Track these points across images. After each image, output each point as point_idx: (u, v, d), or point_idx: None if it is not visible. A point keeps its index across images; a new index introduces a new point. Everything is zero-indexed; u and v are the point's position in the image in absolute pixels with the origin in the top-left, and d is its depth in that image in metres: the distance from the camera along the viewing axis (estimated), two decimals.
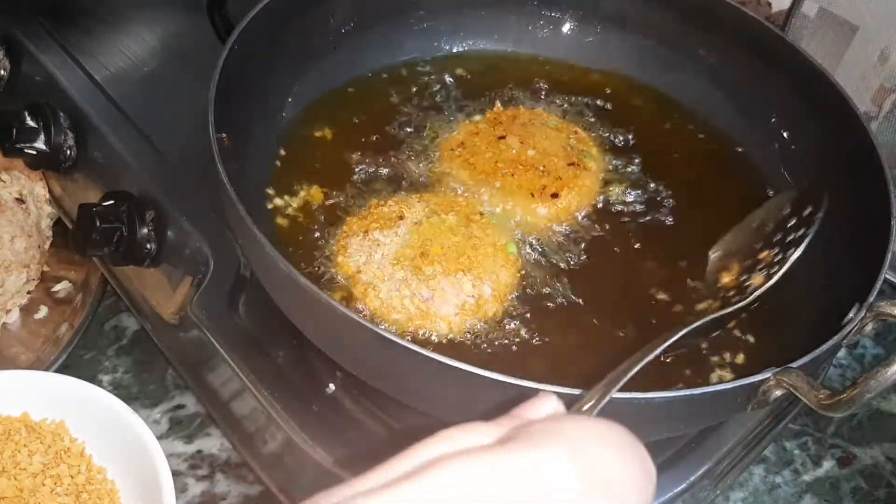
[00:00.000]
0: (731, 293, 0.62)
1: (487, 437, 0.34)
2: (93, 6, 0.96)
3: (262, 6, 0.70)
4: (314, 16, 0.78)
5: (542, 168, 0.73)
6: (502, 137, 0.75)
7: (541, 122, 0.78)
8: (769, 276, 0.60)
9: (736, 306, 0.60)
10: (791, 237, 0.62)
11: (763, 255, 0.63)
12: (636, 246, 0.71)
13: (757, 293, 0.60)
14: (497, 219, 0.70)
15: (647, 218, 0.73)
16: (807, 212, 0.63)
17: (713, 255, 0.67)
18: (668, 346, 0.52)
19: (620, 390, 0.47)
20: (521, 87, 0.84)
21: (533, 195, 0.71)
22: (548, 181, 0.72)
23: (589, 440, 0.34)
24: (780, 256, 0.61)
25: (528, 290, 0.66)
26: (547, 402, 0.38)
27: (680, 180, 0.77)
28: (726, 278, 0.64)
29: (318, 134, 0.77)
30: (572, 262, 0.69)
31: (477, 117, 0.79)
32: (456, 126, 0.78)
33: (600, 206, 0.73)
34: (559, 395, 0.47)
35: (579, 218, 0.72)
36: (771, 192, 0.77)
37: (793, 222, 0.63)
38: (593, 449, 0.34)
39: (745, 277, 0.62)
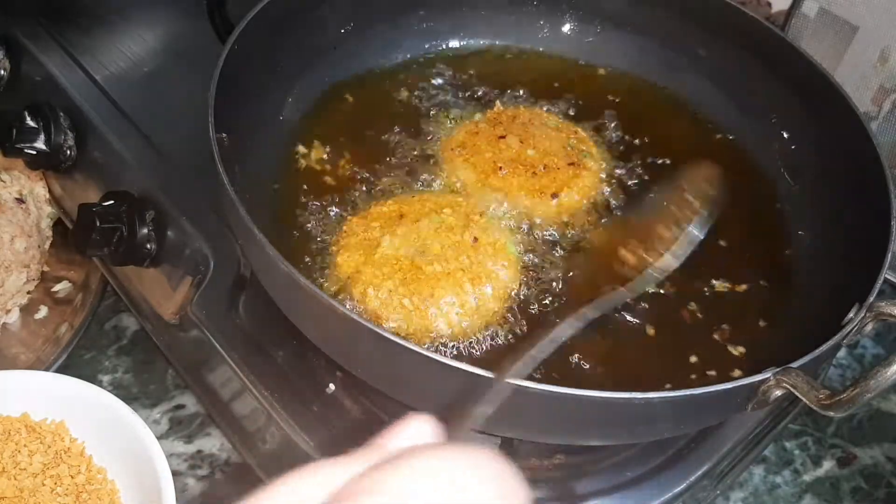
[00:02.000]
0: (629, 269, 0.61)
1: (326, 487, 0.33)
2: (93, 6, 0.96)
3: (262, 6, 0.70)
4: (314, 16, 0.78)
5: (542, 168, 0.73)
6: (502, 137, 0.75)
7: (541, 121, 0.78)
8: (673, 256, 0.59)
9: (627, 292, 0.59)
10: (689, 214, 0.60)
11: (662, 232, 0.61)
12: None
13: (656, 274, 0.59)
14: (497, 218, 0.70)
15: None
16: (705, 190, 0.61)
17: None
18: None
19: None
20: (521, 87, 0.84)
21: (533, 195, 0.71)
22: (548, 181, 0.72)
23: (412, 492, 0.32)
24: (678, 234, 0.60)
25: (529, 290, 0.66)
26: (412, 427, 0.37)
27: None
28: (627, 255, 0.62)
29: (317, 134, 0.77)
30: (573, 262, 0.69)
31: (477, 117, 0.79)
32: (456, 126, 0.78)
33: (600, 205, 0.73)
34: (556, 395, 0.47)
35: (579, 217, 0.72)
36: (771, 193, 0.77)
37: (692, 199, 0.61)
38: (416, 499, 0.32)
39: (643, 253, 0.61)
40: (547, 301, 0.65)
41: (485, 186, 0.72)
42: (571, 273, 0.67)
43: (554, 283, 0.67)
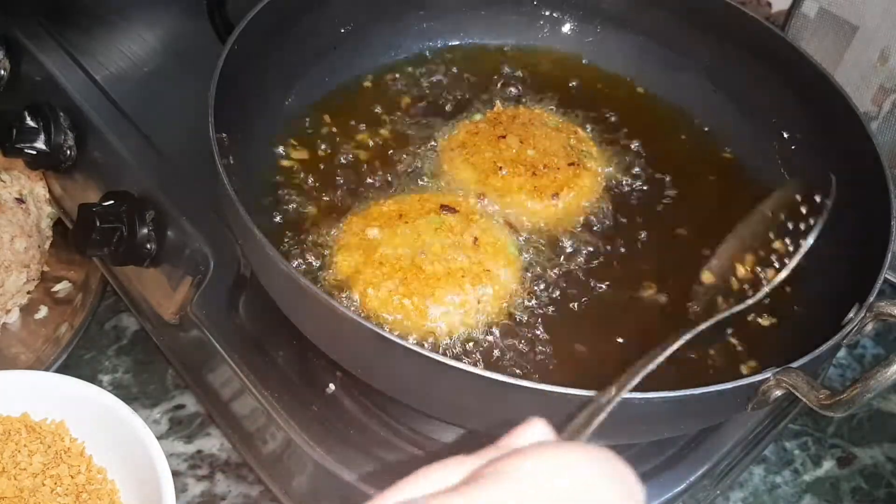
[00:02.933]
0: (746, 286, 0.62)
1: (457, 476, 0.34)
2: (93, 6, 0.96)
3: (262, 6, 0.70)
4: (314, 16, 0.78)
5: (542, 168, 0.73)
6: (502, 137, 0.75)
7: (541, 121, 0.78)
8: (783, 268, 0.61)
9: (742, 305, 0.60)
10: (803, 226, 0.62)
11: (776, 245, 0.63)
12: (637, 246, 0.71)
13: (768, 288, 0.60)
14: (497, 218, 0.70)
15: (648, 218, 0.73)
16: (817, 199, 0.63)
17: (723, 248, 0.66)
18: (675, 350, 0.52)
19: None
20: (520, 87, 0.84)
21: (533, 195, 0.71)
22: (548, 181, 0.72)
23: (545, 476, 0.33)
24: (793, 247, 0.62)
25: (529, 290, 0.66)
26: (533, 429, 0.38)
27: (680, 180, 0.77)
28: (741, 270, 0.64)
29: (317, 134, 0.77)
30: (572, 262, 0.69)
31: (477, 117, 0.79)
32: (456, 126, 0.78)
33: (600, 205, 0.73)
34: (556, 395, 0.47)
35: (579, 218, 0.72)
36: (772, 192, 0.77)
37: (804, 210, 0.63)
38: (549, 486, 0.33)
39: (759, 269, 0.63)
40: (548, 301, 0.65)
41: (485, 186, 0.72)
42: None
43: (555, 283, 0.67)
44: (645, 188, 0.76)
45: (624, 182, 0.76)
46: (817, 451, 0.81)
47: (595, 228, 0.72)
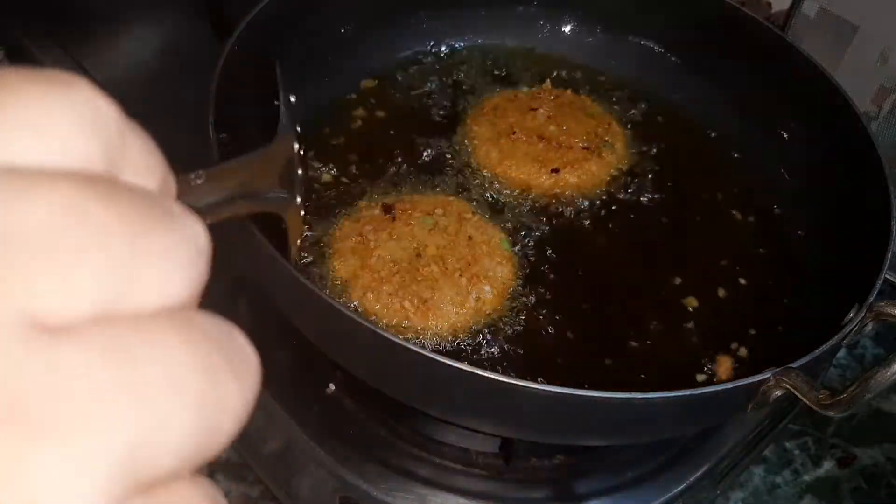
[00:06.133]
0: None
1: None
2: (93, 7, 0.96)
3: (262, 7, 0.70)
4: (314, 16, 0.78)
5: (555, 144, 0.73)
6: (534, 109, 0.76)
7: (581, 106, 0.79)
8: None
9: None
10: None
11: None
12: (633, 244, 0.71)
13: None
14: (492, 205, 0.70)
15: (645, 216, 0.73)
16: None
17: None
18: None
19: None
20: (522, 86, 0.84)
21: (533, 164, 0.72)
22: (554, 156, 0.72)
23: None
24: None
25: (525, 288, 0.66)
26: None
27: (678, 180, 0.77)
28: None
29: (318, 133, 0.77)
30: (569, 260, 0.69)
31: (524, 89, 0.81)
32: (495, 93, 0.80)
33: (598, 201, 0.73)
34: (557, 395, 0.47)
35: (575, 214, 0.72)
36: (771, 193, 0.77)
37: None
38: None
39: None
40: (544, 298, 0.65)
41: (491, 146, 0.72)
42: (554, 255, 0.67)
43: (552, 281, 0.67)
44: (644, 187, 0.76)
45: (626, 180, 0.76)
46: (817, 451, 0.81)
47: (592, 225, 0.71)
